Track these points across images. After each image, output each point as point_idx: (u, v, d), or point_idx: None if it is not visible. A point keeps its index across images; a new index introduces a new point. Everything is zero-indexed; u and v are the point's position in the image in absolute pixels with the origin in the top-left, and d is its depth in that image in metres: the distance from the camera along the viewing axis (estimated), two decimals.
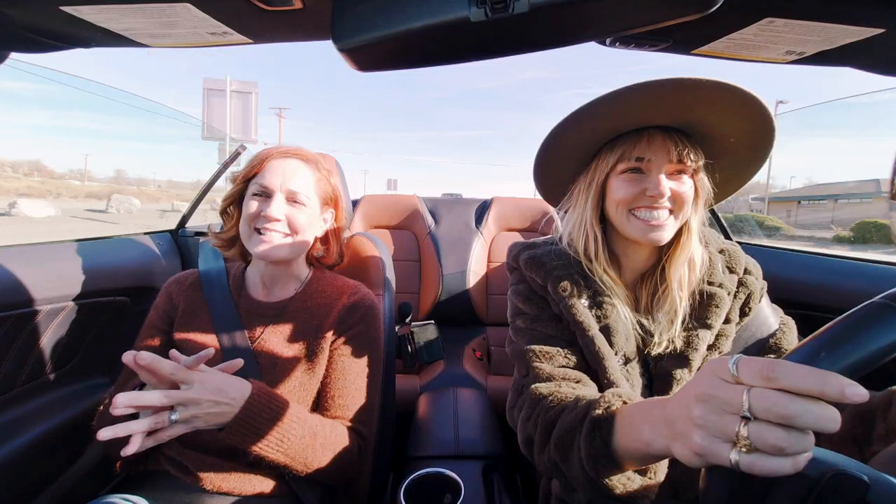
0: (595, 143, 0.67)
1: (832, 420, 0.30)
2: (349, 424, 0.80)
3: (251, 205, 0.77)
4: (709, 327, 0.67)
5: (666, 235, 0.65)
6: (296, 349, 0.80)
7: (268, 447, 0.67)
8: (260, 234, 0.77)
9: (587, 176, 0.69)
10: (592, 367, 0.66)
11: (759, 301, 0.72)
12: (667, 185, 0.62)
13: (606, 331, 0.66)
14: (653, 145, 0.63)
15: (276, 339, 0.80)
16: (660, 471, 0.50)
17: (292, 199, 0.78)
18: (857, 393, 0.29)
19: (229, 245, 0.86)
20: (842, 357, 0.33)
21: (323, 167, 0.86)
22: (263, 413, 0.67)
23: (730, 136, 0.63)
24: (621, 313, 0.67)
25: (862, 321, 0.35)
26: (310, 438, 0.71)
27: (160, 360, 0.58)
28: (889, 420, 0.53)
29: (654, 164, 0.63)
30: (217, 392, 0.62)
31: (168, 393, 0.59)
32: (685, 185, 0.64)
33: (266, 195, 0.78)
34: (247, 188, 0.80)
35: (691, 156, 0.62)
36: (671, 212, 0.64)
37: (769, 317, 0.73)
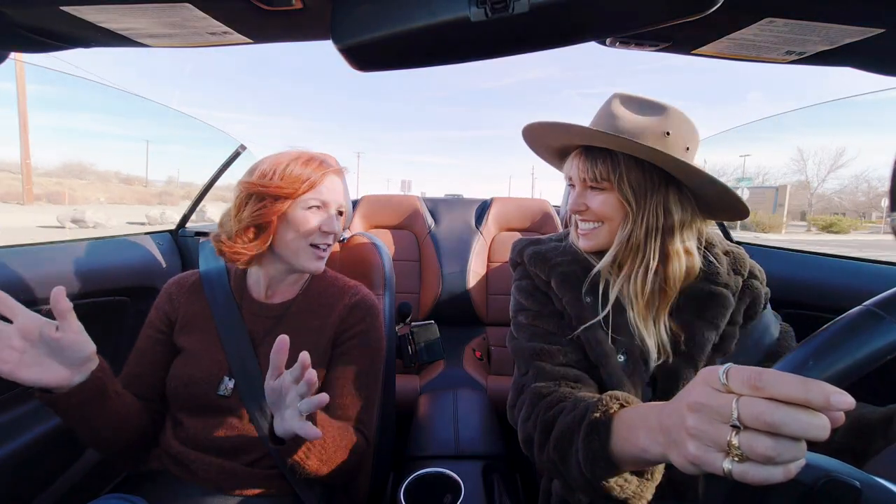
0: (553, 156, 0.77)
1: (821, 428, 0.30)
2: (351, 424, 0.80)
3: (308, 219, 0.77)
4: (714, 327, 0.68)
5: (593, 244, 0.70)
6: (298, 350, 0.80)
7: (311, 452, 0.66)
8: (317, 249, 0.79)
9: None
10: (594, 363, 0.66)
11: (765, 308, 0.72)
12: (581, 200, 0.69)
13: (608, 327, 0.66)
14: (574, 165, 0.70)
15: None
16: (657, 473, 0.50)
17: (339, 212, 0.83)
18: (843, 401, 0.29)
19: (248, 262, 0.80)
20: (829, 365, 0.33)
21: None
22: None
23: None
24: (624, 310, 0.68)
25: (849, 329, 0.35)
26: (328, 439, 0.70)
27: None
28: (889, 437, 0.53)
29: (576, 181, 0.70)
30: None
31: None
32: (603, 202, 0.68)
33: (325, 209, 0.80)
34: (285, 204, 0.76)
35: (601, 174, 0.66)
36: (602, 222, 0.69)
37: (771, 324, 0.73)
